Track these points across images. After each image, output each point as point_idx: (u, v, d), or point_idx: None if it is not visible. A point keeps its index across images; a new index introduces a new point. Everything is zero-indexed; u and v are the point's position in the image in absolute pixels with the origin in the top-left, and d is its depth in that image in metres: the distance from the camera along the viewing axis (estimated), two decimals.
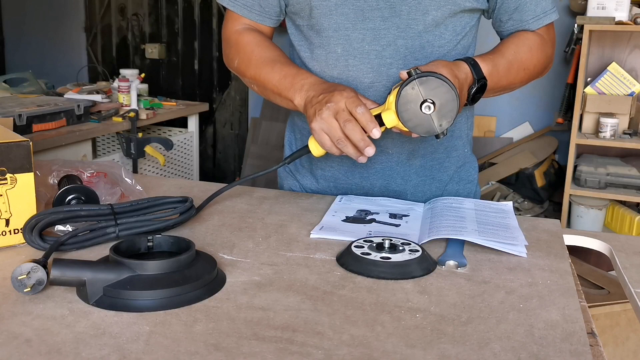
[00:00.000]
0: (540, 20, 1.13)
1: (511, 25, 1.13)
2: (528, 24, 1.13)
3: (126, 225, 0.85)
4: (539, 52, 1.13)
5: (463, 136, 1.20)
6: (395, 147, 1.13)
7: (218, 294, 0.70)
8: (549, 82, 3.46)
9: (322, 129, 0.94)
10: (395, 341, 0.60)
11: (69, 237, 0.81)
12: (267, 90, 1.10)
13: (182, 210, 0.90)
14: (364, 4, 1.04)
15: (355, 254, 0.79)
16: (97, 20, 4.59)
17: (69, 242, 0.81)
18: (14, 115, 2.18)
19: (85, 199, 0.92)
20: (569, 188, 3.01)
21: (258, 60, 1.11)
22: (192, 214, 0.93)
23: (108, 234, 0.84)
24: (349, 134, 0.92)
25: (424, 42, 1.06)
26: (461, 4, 1.05)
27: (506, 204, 1.03)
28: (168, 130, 3.27)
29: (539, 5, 1.12)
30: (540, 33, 1.13)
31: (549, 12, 1.13)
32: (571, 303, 0.70)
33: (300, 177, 1.25)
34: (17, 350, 0.57)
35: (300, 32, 1.13)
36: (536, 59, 1.13)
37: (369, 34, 1.06)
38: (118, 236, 0.84)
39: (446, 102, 0.89)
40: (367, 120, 0.92)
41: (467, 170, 1.22)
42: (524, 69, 1.11)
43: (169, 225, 0.89)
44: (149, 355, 0.57)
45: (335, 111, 0.93)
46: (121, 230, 0.84)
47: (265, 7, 1.13)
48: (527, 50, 1.11)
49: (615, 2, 2.86)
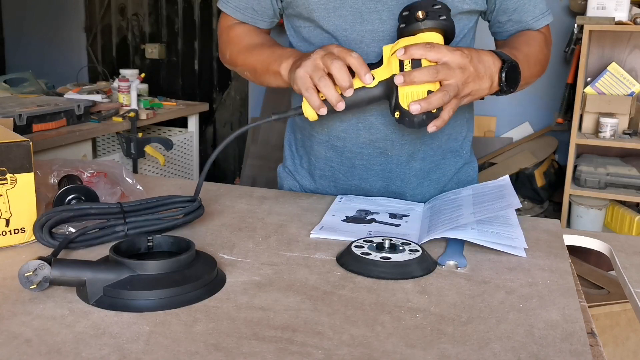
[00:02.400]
0: (539, 21, 1.14)
1: (510, 26, 1.14)
2: (528, 24, 1.14)
3: (135, 224, 0.85)
4: (546, 49, 1.15)
5: (460, 138, 1.19)
6: (394, 149, 1.13)
7: (218, 294, 0.70)
8: (549, 82, 3.46)
9: (307, 72, 0.91)
10: (395, 341, 0.60)
11: (78, 235, 0.82)
12: (257, 72, 1.11)
13: (191, 209, 0.91)
14: (362, 6, 1.04)
15: (355, 254, 0.79)
16: (97, 20, 4.59)
17: (78, 240, 0.82)
18: (14, 115, 2.18)
19: (86, 198, 0.92)
20: (568, 188, 3.01)
21: (247, 46, 1.14)
22: (200, 213, 0.93)
23: (117, 232, 0.84)
24: (335, 72, 0.89)
25: None
26: (459, 6, 1.05)
27: (503, 179, 1.02)
28: (168, 130, 3.27)
29: (537, 7, 1.13)
30: (543, 32, 1.15)
31: (545, 14, 1.15)
32: (571, 303, 0.70)
33: (300, 177, 1.25)
34: (17, 350, 0.57)
35: (300, 34, 1.14)
36: (544, 55, 1.14)
37: (367, 36, 1.06)
38: (127, 234, 0.84)
39: None
40: (360, 64, 0.90)
41: (467, 171, 1.22)
42: (538, 63, 1.12)
43: (177, 224, 0.89)
44: (149, 355, 0.57)
45: (325, 52, 0.92)
46: (130, 228, 0.85)
47: (258, 11, 1.15)
48: (536, 45, 1.12)
49: (615, 2, 2.86)
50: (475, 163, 1.25)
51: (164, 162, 2.79)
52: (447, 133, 1.16)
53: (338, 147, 1.15)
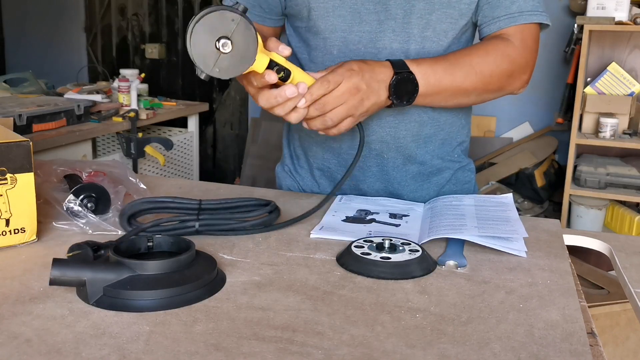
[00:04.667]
0: (514, 19, 1.04)
1: (481, 20, 1.06)
2: (499, 20, 1.04)
3: (206, 221, 0.88)
4: (500, 55, 1.03)
5: (455, 144, 1.19)
6: (390, 151, 1.13)
7: (218, 294, 0.70)
8: (549, 82, 3.46)
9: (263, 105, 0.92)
10: (395, 341, 0.60)
11: (151, 226, 0.86)
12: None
13: (265, 212, 0.92)
14: (361, 7, 1.04)
15: (355, 254, 0.79)
16: (97, 20, 4.59)
17: (151, 230, 0.85)
18: (14, 115, 2.18)
19: (97, 196, 0.94)
20: (568, 188, 3.01)
21: None
22: (275, 217, 0.94)
23: (188, 227, 0.88)
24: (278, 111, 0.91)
25: (419, 47, 1.06)
26: (456, 6, 1.04)
27: (506, 197, 1.03)
28: (168, 130, 3.27)
29: (515, 3, 1.04)
30: (508, 37, 1.05)
31: (526, 13, 1.04)
32: (571, 303, 0.70)
33: (299, 177, 1.25)
34: (17, 350, 0.57)
35: (298, 34, 1.14)
36: (493, 62, 1.03)
37: (365, 36, 1.06)
38: (197, 230, 0.88)
39: (242, 54, 0.83)
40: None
41: (464, 172, 1.22)
42: (475, 73, 1.02)
43: (246, 226, 0.90)
44: (149, 355, 0.57)
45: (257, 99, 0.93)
46: (201, 225, 0.88)
47: (265, 8, 1.13)
48: (482, 54, 1.03)
49: (615, 2, 2.86)
50: (472, 164, 1.25)
51: (164, 162, 2.79)
52: (441, 138, 1.15)
53: (335, 148, 1.16)
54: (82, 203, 0.90)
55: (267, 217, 0.92)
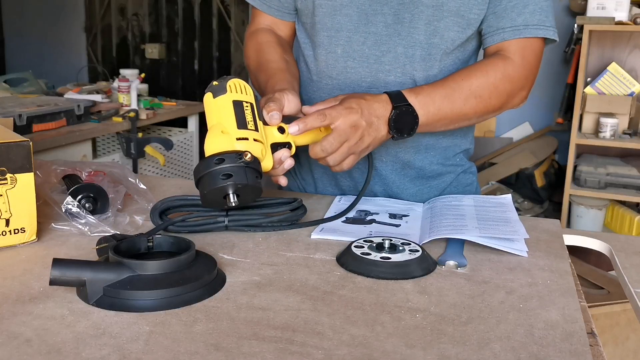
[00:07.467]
0: (519, 32, 1.02)
1: (486, 30, 1.05)
2: (504, 32, 1.03)
3: (235, 217, 0.90)
4: (500, 76, 1.02)
5: (458, 150, 1.18)
6: (388, 155, 1.13)
7: (218, 294, 0.70)
8: (549, 82, 3.46)
9: None
10: (395, 341, 0.61)
11: (180, 220, 0.89)
12: (258, 90, 1.12)
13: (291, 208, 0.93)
14: (369, 8, 1.04)
15: (355, 254, 0.79)
16: (97, 20, 4.59)
17: (181, 225, 0.88)
18: (14, 115, 2.18)
19: (95, 196, 0.93)
20: (568, 188, 3.02)
21: (258, 62, 1.14)
22: (300, 214, 0.95)
23: (218, 222, 0.89)
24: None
25: (425, 53, 1.05)
26: (465, 15, 1.03)
27: (505, 197, 1.03)
28: (168, 130, 3.26)
29: (521, 15, 1.01)
30: (509, 52, 1.03)
31: (532, 26, 1.01)
32: (571, 303, 0.70)
33: (299, 177, 1.25)
34: (17, 350, 0.57)
35: (305, 30, 1.14)
36: (493, 84, 1.01)
37: (370, 37, 1.05)
38: (226, 226, 0.89)
39: (251, 191, 0.85)
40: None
41: (466, 174, 1.22)
42: (475, 97, 1.01)
43: (273, 222, 0.91)
44: (149, 355, 0.57)
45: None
46: (230, 221, 0.89)
47: (284, 3, 1.14)
48: (481, 76, 1.02)
49: (615, 2, 2.87)
50: (473, 167, 1.24)
51: (164, 162, 2.79)
52: (444, 146, 1.15)
53: None
54: (80, 204, 0.90)
55: (293, 214, 0.93)
